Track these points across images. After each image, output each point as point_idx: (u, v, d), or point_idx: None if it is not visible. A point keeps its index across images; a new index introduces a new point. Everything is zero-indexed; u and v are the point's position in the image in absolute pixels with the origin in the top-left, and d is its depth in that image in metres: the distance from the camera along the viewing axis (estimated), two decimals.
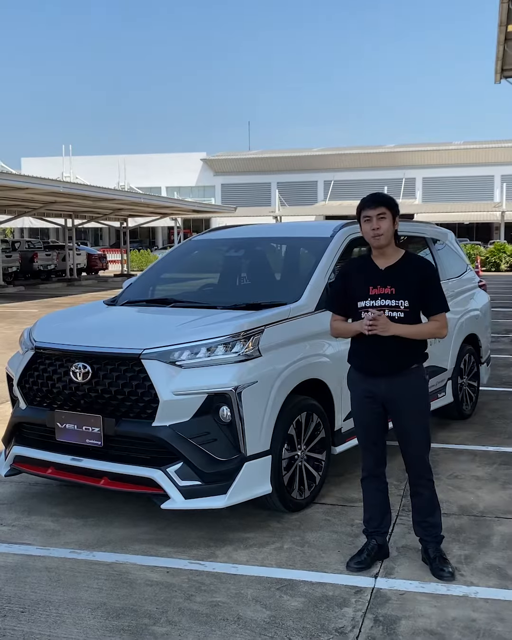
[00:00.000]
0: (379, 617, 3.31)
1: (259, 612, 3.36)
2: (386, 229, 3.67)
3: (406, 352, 3.69)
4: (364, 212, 3.71)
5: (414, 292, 3.67)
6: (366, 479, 3.94)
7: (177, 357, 4.18)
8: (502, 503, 4.72)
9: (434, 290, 3.72)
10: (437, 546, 3.82)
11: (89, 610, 3.41)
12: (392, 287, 3.67)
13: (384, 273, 3.72)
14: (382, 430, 3.85)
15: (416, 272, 3.70)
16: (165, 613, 3.38)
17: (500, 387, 8.32)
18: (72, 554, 4.04)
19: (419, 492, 3.83)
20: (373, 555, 3.86)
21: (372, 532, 3.93)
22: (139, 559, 3.95)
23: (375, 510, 3.92)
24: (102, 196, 25.76)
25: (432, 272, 3.77)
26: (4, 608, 3.44)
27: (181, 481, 4.06)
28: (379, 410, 3.78)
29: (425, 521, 3.84)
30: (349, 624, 3.26)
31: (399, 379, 3.71)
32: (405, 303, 3.66)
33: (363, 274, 3.78)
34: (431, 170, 58.47)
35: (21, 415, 4.68)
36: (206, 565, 3.86)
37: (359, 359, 3.83)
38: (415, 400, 3.75)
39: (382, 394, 3.74)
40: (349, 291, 3.79)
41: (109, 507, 4.72)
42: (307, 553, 4.00)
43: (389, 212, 3.68)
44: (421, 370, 3.79)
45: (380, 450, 3.87)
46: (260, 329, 4.36)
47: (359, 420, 3.89)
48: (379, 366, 3.72)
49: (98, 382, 4.28)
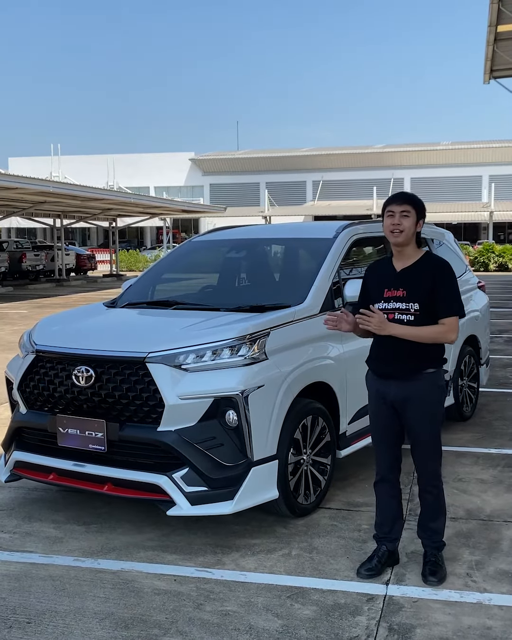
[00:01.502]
0: (393, 626, 3.25)
1: (271, 622, 3.30)
2: (406, 227, 3.60)
3: (418, 355, 3.61)
4: (389, 207, 3.65)
5: (426, 294, 3.58)
6: (378, 483, 3.88)
7: (182, 361, 4.11)
8: (509, 506, 4.67)
9: (445, 291, 3.59)
10: (434, 552, 3.78)
11: (97, 621, 3.33)
12: (404, 290, 3.62)
13: (399, 275, 3.67)
14: (394, 434, 3.78)
15: (430, 272, 3.61)
16: (175, 623, 3.30)
17: (498, 388, 8.30)
18: (76, 561, 3.95)
19: (424, 496, 3.80)
20: (384, 561, 3.81)
21: (382, 538, 3.88)
22: (144, 567, 3.88)
23: (386, 516, 3.87)
24: (92, 196, 25.61)
25: (445, 272, 3.62)
26: (9, 619, 3.35)
27: (187, 487, 3.99)
28: (390, 412, 3.73)
29: (427, 525, 3.81)
30: (363, 633, 3.20)
31: (410, 382, 3.64)
32: (415, 306, 3.59)
33: (380, 276, 3.75)
34: (419, 171, 58.60)
35: (21, 420, 4.59)
36: (214, 573, 3.79)
37: (373, 361, 3.81)
38: (423, 406, 3.66)
39: (392, 396, 3.69)
40: (370, 292, 3.77)
41: (110, 513, 4.64)
42: (315, 560, 3.93)
43: (414, 212, 3.62)
44: (435, 375, 3.68)
45: (392, 454, 3.81)
46: (266, 332, 4.29)
47: (373, 420, 3.86)
48: (391, 369, 3.67)
49: (101, 386, 4.19)
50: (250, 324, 4.32)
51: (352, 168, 59.71)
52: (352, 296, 4.91)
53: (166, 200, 34.24)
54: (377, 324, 3.55)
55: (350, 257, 5.36)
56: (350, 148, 62.43)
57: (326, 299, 4.89)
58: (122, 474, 4.14)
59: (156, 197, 38.07)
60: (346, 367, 4.85)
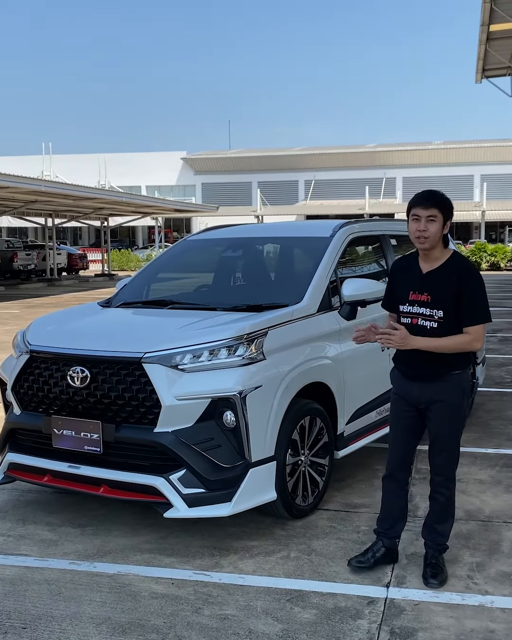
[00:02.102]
0: (395, 629, 3.21)
1: (270, 626, 3.25)
2: (433, 233, 3.49)
3: (444, 359, 3.54)
4: (414, 210, 3.52)
5: (451, 299, 3.47)
6: (386, 478, 3.89)
7: (179, 361, 4.05)
8: (508, 507, 4.64)
9: (470, 297, 3.46)
10: (436, 554, 3.75)
11: (94, 626, 3.27)
12: (428, 295, 3.52)
13: (424, 278, 3.57)
14: (412, 434, 3.76)
15: (455, 276, 3.49)
16: (174, 627, 3.25)
17: (493, 387, 8.27)
18: (72, 565, 3.89)
19: (435, 497, 3.78)
20: (378, 557, 3.79)
21: (380, 533, 3.87)
22: (141, 570, 3.82)
23: (389, 513, 3.86)
24: (85, 195, 25.47)
25: (470, 276, 3.49)
26: (4, 624, 3.29)
27: (185, 489, 3.93)
28: (413, 412, 3.70)
29: (433, 527, 3.78)
30: (365, 636, 3.15)
31: (435, 384, 3.59)
32: (439, 313, 3.50)
33: (407, 276, 3.66)
34: (411, 170, 58.61)
35: (15, 421, 4.51)
36: (212, 576, 3.74)
37: (400, 362, 3.76)
38: (446, 407, 3.60)
39: (416, 397, 3.65)
40: (396, 290, 3.71)
41: (105, 515, 4.58)
42: (314, 562, 3.89)
43: (441, 215, 3.50)
44: (460, 376, 3.61)
45: (405, 453, 3.80)
46: (264, 332, 4.24)
47: (393, 418, 3.83)
48: (420, 371, 3.62)
49: (97, 387, 4.13)
50: (247, 323, 4.27)
51: (344, 167, 59.69)
52: (350, 295, 4.89)
53: (158, 199, 34.12)
54: (399, 341, 3.47)
55: (346, 256, 5.32)
56: (342, 147, 62.38)
57: (324, 298, 4.84)
58: (118, 475, 4.08)
59: (148, 196, 37.94)
60: (343, 367, 4.80)
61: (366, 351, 5.13)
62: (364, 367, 5.11)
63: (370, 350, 5.19)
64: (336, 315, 4.90)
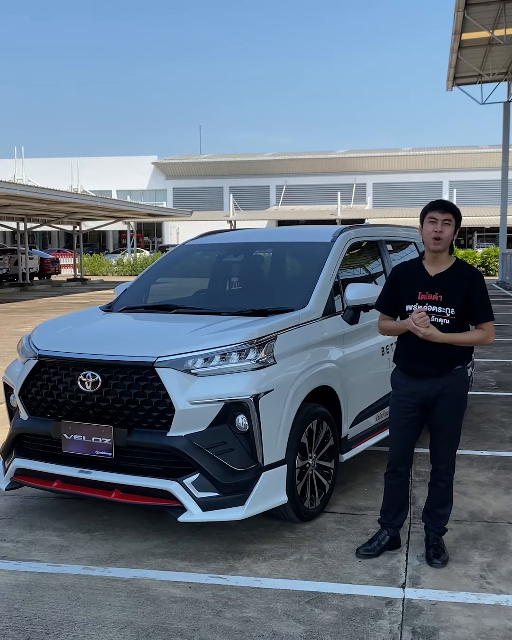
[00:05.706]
0: (416, 629, 3.25)
1: (293, 627, 3.28)
2: (447, 235, 3.75)
3: (451, 355, 3.79)
4: (431, 213, 3.78)
5: (461, 299, 3.75)
6: (388, 473, 4.07)
7: (191, 365, 4.07)
8: (510, 508, 4.72)
9: (481, 299, 3.80)
10: (437, 536, 4.00)
11: (117, 630, 3.27)
12: (440, 294, 3.76)
13: (434, 279, 3.82)
14: (417, 429, 3.98)
15: (465, 280, 3.78)
16: (198, 631, 3.26)
17: (479, 390, 8.40)
18: (86, 570, 3.88)
19: (437, 485, 4.02)
20: (383, 545, 4.02)
21: (385, 524, 4.09)
22: (157, 574, 3.82)
23: (393, 504, 4.07)
24: (60, 199, 25.28)
25: (480, 282, 3.81)
26: (26, 630, 3.28)
27: (198, 493, 3.95)
28: (419, 408, 3.88)
29: (434, 511, 4.02)
30: (388, 636, 3.19)
31: (442, 379, 3.81)
32: (451, 311, 3.76)
33: (413, 279, 3.87)
34: (381, 176, 59.11)
35: (23, 427, 4.48)
36: (228, 579, 3.76)
37: (404, 360, 3.93)
38: (453, 399, 3.85)
39: (425, 393, 3.84)
40: (399, 293, 3.89)
41: (113, 520, 4.58)
42: (328, 564, 3.92)
43: (454, 221, 3.79)
44: (462, 371, 3.88)
45: (408, 448, 3.99)
46: (273, 336, 4.28)
47: (397, 416, 3.98)
48: (424, 367, 3.82)
49: (109, 392, 4.13)
50: (256, 328, 4.30)
51: (315, 173, 60.01)
52: (353, 300, 4.95)
53: (132, 203, 33.97)
54: (425, 332, 3.69)
55: (347, 261, 5.38)
56: (313, 153, 62.70)
57: (328, 302, 4.89)
58: (131, 480, 4.08)
59: (122, 200, 37.73)
60: (347, 370, 4.86)
61: (368, 355, 5.21)
62: (366, 370, 5.18)
63: (371, 354, 5.27)
64: (339, 319, 4.96)
